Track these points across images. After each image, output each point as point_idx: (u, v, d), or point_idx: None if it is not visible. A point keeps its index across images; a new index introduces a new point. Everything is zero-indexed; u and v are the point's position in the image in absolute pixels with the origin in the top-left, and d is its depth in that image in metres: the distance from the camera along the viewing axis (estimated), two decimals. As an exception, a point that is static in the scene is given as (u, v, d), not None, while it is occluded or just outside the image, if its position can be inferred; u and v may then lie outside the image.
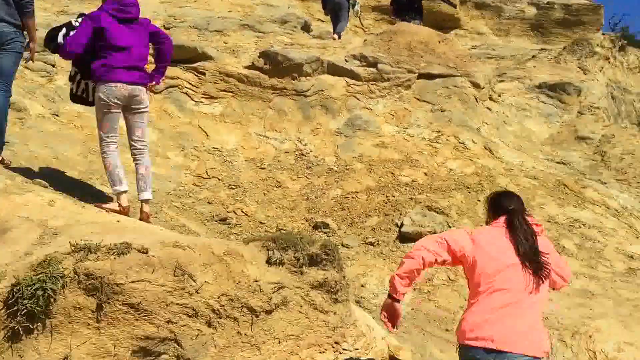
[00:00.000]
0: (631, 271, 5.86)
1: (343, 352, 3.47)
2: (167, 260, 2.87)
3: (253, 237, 3.66)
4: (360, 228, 6.21)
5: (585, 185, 7.57)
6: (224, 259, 3.09)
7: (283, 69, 8.45)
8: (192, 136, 7.53)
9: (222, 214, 6.26)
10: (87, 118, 6.71)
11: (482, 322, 2.86)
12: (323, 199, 6.75)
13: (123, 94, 4.69)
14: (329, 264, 3.56)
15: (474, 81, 9.22)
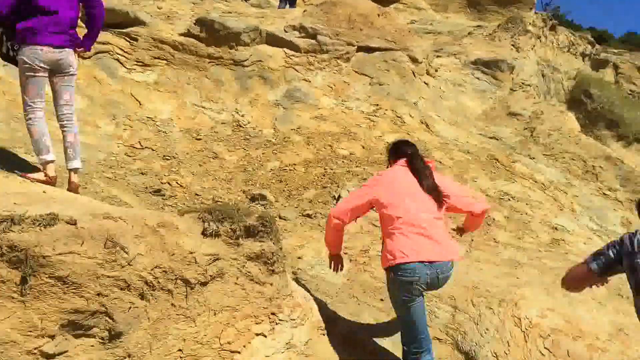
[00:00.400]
0: (555, 242, 6.10)
1: (279, 322, 3.47)
2: (98, 232, 2.77)
3: (188, 209, 3.59)
4: (297, 200, 6.18)
5: (515, 160, 7.79)
6: (157, 230, 3.01)
7: (220, 38, 8.26)
8: (124, 105, 7.28)
9: (156, 185, 6.11)
10: (9, 83, 6.38)
11: (409, 244, 3.53)
12: (260, 171, 6.68)
13: (49, 58, 4.48)
14: (265, 235, 3.52)
15: (412, 56, 9.27)
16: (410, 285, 3.52)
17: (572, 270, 3.23)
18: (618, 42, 29.01)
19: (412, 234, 3.56)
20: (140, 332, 2.83)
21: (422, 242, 3.55)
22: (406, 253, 3.50)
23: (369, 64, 8.83)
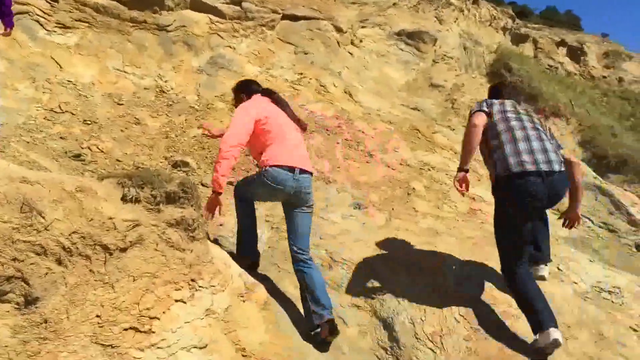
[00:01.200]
0: (472, 211, 6.36)
1: (199, 289, 3.54)
2: (14, 196, 2.76)
3: (108, 174, 3.59)
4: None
5: (435, 131, 8.05)
6: (75, 195, 3.03)
7: (144, 2, 8.08)
8: (44, 68, 7.07)
9: (76, 150, 6.02)
10: None
11: (282, 154, 4.29)
12: (183, 138, 6.67)
13: None
14: (186, 202, 3.59)
15: (337, 25, 9.37)
16: (275, 191, 4.30)
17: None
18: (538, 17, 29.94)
19: (289, 147, 4.34)
20: (57, 297, 2.85)
21: (293, 154, 4.34)
22: (279, 160, 4.26)
23: (294, 33, 8.88)
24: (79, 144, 6.12)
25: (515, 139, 4.30)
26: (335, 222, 5.64)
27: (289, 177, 4.25)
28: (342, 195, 6.09)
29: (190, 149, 6.47)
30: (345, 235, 5.45)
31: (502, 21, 15.88)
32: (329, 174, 6.33)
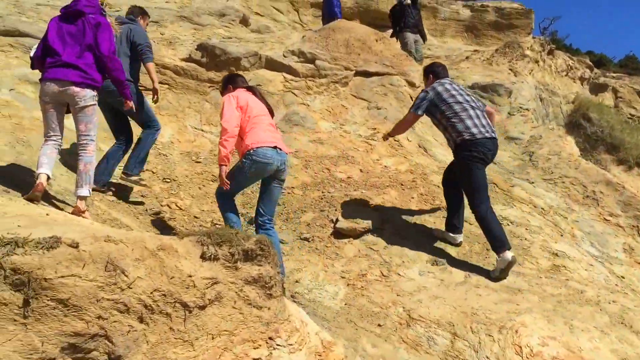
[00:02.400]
0: (555, 268, 6.07)
1: (277, 347, 3.48)
2: (99, 255, 2.81)
3: (187, 232, 3.64)
4: (295, 223, 6.23)
5: (514, 184, 7.81)
6: (157, 253, 3.06)
7: (221, 63, 8.39)
8: (125, 128, 7.36)
9: (156, 207, 6.17)
10: (15, 107, 6.48)
11: (264, 136, 5.02)
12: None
13: (49, 90, 4.68)
14: (263, 259, 3.57)
15: (410, 80, 9.38)
16: (264, 165, 4.99)
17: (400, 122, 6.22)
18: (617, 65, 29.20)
19: (268, 131, 5.09)
20: (139, 355, 2.86)
21: (273, 135, 5.11)
22: (263, 141, 4.99)
23: (366, 88, 8.94)
24: (159, 202, 6.27)
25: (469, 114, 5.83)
26: (412, 279, 5.51)
27: (274, 152, 5.01)
28: (419, 251, 5.97)
29: (266, 205, 6.51)
30: (422, 292, 5.30)
31: (580, 71, 15.56)
32: (405, 230, 6.23)
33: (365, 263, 5.66)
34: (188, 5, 10.99)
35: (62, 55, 4.75)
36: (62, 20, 4.91)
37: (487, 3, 16.31)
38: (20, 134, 6.02)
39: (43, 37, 4.95)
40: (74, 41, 4.81)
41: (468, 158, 5.74)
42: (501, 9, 15.87)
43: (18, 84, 6.71)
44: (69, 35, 4.82)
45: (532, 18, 15.94)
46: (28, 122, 6.33)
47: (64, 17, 4.92)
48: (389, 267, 5.63)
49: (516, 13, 15.83)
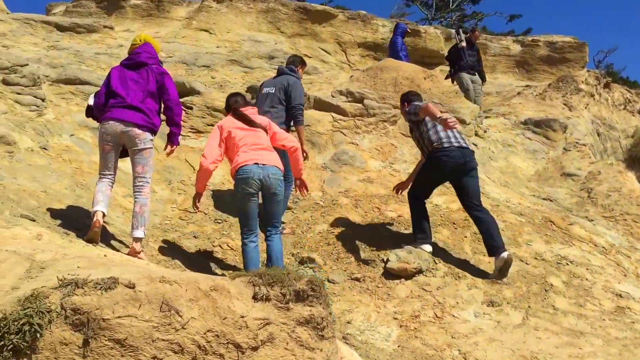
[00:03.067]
0: (620, 310, 5.84)
1: (329, 389, 3.45)
2: (154, 296, 2.87)
3: (239, 273, 3.66)
4: (346, 263, 6.21)
5: (572, 222, 7.61)
6: (210, 294, 3.09)
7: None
8: (179, 170, 7.56)
9: (208, 248, 6.26)
10: (75, 152, 6.73)
11: (243, 157, 5.18)
12: (309, 234, 6.76)
13: (112, 130, 4.82)
14: (315, 300, 3.56)
15: (460, 117, 9.34)
16: (246, 180, 5.09)
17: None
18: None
19: (250, 151, 5.23)
20: (193, 395, 2.88)
21: (255, 153, 5.21)
22: (247, 160, 5.16)
23: (416, 127, 8.92)
24: (211, 242, 6.36)
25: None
26: (467, 320, 5.40)
27: (255, 167, 5.14)
28: (474, 291, 5.85)
29: (316, 245, 6.53)
30: (478, 335, 5.18)
31: (638, 104, 15.21)
32: (458, 270, 6.13)
33: (418, 304, 5.59)
34: (238, 50, 11.28)
35: (126, 98, 4.95)
36: (127, 67, 5.15)
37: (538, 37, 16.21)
38: (80, 178, 6.23)
39: (104, 84, 5.16)
40: (137, 87, 5.02)
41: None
42: (553, 43, 15.73)
43: (78, 129, 6.97)
44: (132, 82, 5.04)
45: (586, 51, 15.73)
46: (87, 166, 6.56)
47: (127, 66, 5.16)
48: (442, 308, 5.54)
49: (569, 46, 15.65)
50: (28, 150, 6.47)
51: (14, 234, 4.02)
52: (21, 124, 6.85)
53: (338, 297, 5.61)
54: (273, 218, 5.36)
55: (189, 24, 12.53)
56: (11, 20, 10.93)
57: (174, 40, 11.50)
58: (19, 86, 7.53)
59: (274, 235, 5.32)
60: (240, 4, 13.03)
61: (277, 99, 6.67)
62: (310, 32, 13.60)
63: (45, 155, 6.59)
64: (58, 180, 6.15)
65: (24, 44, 9.88)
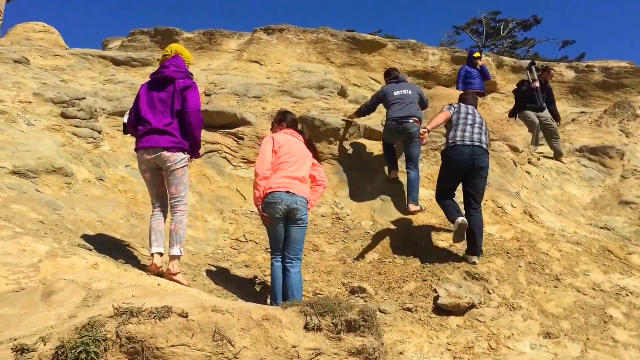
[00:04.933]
0: (683, 341, 5.62)
1: (381, 422, 3.40)
2: (206, 325, 2.89)
3: (291, 302, 3.66)
4: (397, 293, 6.14)
5: (631, 252, 7.35)
6: (262, 323, 3.10)
7: (320, 134, 8.59)
8: (230, 200, 7.65)
9: (259, 277, 6.29)
10: (130, 182, 6.90)
11: (278, 182, 5.35)
12: (360, 263, 6.73)
13: (144, 158, 4.93)
14: (367, 330, 3.53)
15: (512, 145, 9.21)
16: (274, 206, 5.29)
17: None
18: None
19: (284, 177, 5.38)
20: None
21: (289, 181, 5.37)
22: (277, 185, 5.33)
23: (467, 155, 8.82)
24: (262, 272, 6.39)
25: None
26: (522, 352, 5.25)
27: (284, 194, 5.29)
28: (529, 322, 5.70)
29: (367, 275, 6.48)
30: (534, 367, 5.03)
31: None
32: (512, 300, 5.99)
33: (472, 335, 5.47)
34: (288, 80, 11.43)
35: (152, 122, 4.98)
36: (152, 86, 5.12)
37: (593, 63, 15.92)
38: (134, 208, 6.37)
39: (134, 103, 5.19)
40: (164, 107, 5.00)
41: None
42: (608, 69, 15.41)
43: (133, 160, 7.13)
44: (159, 102, 5.03)
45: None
46: (141, 196, 6.70)
47: (154, 83, 5.13)
48: (497, 339, 5.41)
49: (625, 72, 15.31)
50: (85, 181, 6.66)
51: (72, 263, 4.13)
52: (79, 155, 7.07)
53: (390, 327, 5.54)
54: (295, 244, 5.41)
55: (240, 56, 12.78)
56: (70, 56, 11.36)
57: (225, 72, 11.73)
58: (77, 119, 7.80)
59: (295, 264, 5.38)
60: (290, 35, 13.24)
61: (417, 99, 8.12)
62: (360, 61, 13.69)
63: (101, 186, 6.77)
64: (113, 210, 6.30)
65: (82, 78, 10.24)
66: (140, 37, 14.11)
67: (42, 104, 7.88)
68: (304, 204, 5.39)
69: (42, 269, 4.00)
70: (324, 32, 13.52)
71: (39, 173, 6.18)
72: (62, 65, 10.75)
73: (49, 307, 3.29)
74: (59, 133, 7.37)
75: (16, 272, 3.92)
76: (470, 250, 6.58)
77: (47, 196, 5.85)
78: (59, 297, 3.40)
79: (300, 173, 5.51)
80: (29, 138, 6.80)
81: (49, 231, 4.89)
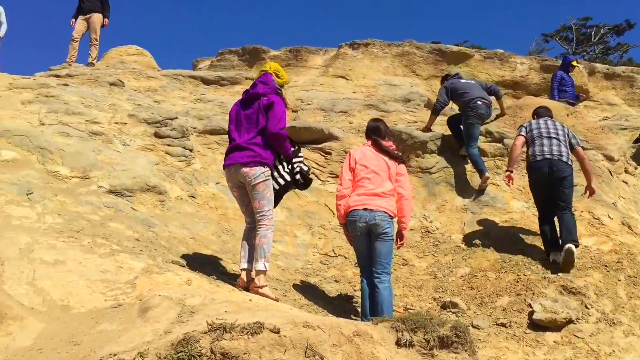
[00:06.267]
0: None
1: None
2: (298, 341, 2.89)
3: (382, 318, 3.63)
4: (490, 308, 5.97)
5: None
6: (353, 339, 3.08)
7: (407, 147, 8.53)
8: (318, 215, 7.69)
9: (349, 292, 6.28)
10: (221, 199, 7.06)
11: (356, 199, 5.43)
12: (451, 278, 6.59)
13: (230, 176, 5.04)
14: (460, 346, 3.45)
15: (607, 154, 8.83)
16: (354, 224, 5.39)
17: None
18: None
19: (363, 195, 5.44)
20: None
21: (368, 198, 5.41)
22: (357, 203, 5.41)
23: (561, 165, 8.52)
24: (352, 287, 6.38)
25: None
26: (626, 371, 4.99)
27: (363, 211, 5.35)
28: (631, 339, 5.42)
29: (459, 289, 6.34)
30: (640, 387, 4.77)
31: None
32: (612, 315, 5.70)
33: (570, 352, 5.24)
34: (374, 94, 11.41)
35: (236, 139, 5.10)
36: (241, 105, 5.24)
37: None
38: (225, 224, 6.51)
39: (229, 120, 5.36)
40: (249, 124, 5.08)
41: None
42: None
43: (222, 177, 7.30)
44: (245, 119, 5.12)
45: None
46: (232, 212, 6.85)
47: (243, 102, 5.24)
48: (597, 356, 5.17)
49: None
50: (178, 198, 6.87)
51: (166, 280, 4.26)
52: (171, 174, 7.31)
53: (483, 343, 5.39)
54: (381, 258, 5.37)
55: (326, 72, 12.87)
56: (162, 77, 11.81)
57: (311, 88, 11.84)
58: (170, 138, 8.08)
59: (383, 279, 5.33)
60: (375, 49, 13.23)
61: (481, 86, 8.89)
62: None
63: (193, 203, 6.97)
64: (205, 226, 6.47)
65: (173, 98, 10.60)
66: (228, 57, 14.46)
67: (136, 124, 8.23)
68: (383, 219, 5.35)
69: (138, 285, 4.14)
70: (409, 45, 13.42)
71: (134, 192, 6.43)
72: (154, 87, 11.18)
73: (146, 322, 3.40)
74: (153, 152, 7.66)
75: (114, 289, 4.08)
76: (566, 241, 6.47)
77: (142, 214, 6.07)
78: (154, 313, 3.51)
79: (380, 188, 5.48)
80: (125, 158, 7.09)
81: (144, 248, 5.06)
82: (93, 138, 7.38)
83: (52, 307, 3.74)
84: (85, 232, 5.01)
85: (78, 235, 4.87)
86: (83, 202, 5.78)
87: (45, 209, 5.33)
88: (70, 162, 6.52)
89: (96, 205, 5.81)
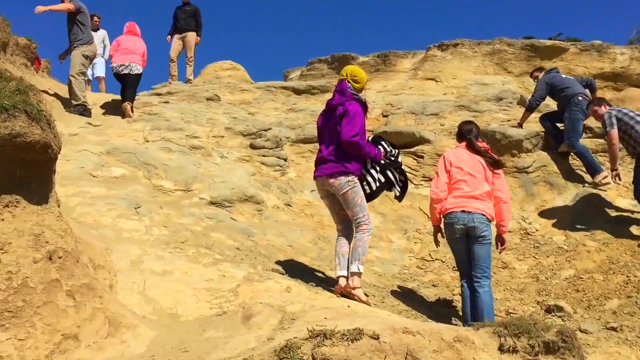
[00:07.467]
0: None
1: None
2: (398, 347, 2.89)
3: (483, 323, 3.55)
4: (599, 311, 5.71)
5: None
6: (454, 345, 3.04)
7: (502, 147, 8.32)
8: (413, 219, 7.63)
9: (447, 296, 6.19)
10: (316, 207, 7.15)
11: (452, 202, 5.34)
12: (554, 280, 6.37)
13: (319, 187, 5.11)
14: (567, 352, 3.32)
15: None
16: (452, 226, 5.31)
17: None
18: None
19: (460, 197, 5.33)
20: None
21: (464, 201, 5.30)
22: (454, 205, 5.32)
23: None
24: (450, 291, 6.29)
25: None
26: None
27: (460, 213, 5.26)
28: None
29: (564, 292, 6.11)
30: None
31: None
32: None
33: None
34: (465, 95, 11.21)
35: (322, 151, 5.14)
36: (325, 115, 5.27)
37: None
38: (321, 231, 6.58)
39: None
40: (331, 135, 5.10)
41: None
42: None
43: (317, 185, 7.41)
44: (327, 130, 5.17)
45: None
46: (327, 219, 6.91)
47: (326, 112, 5.26)
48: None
49: None
50: (274, 207, 7.02)
51: (267, 287, 4.36)
52: (267, 183, 7.47)
53: (593, 348, 5.16)
54: (481, 262, 5.26)
55: (415, 75, 12.77)
56: (255, 89, 12.11)
57: (401, 92, 11.78)
58: (264, 149, 8.27)
59: (483, 283, 5.21)
60: (464, 49, 12.99)
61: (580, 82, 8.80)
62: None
63: (289, 212, 7.09)
64: (302, 234, 6.56)
65: (267, 110, 10.85)
66: (318, 66, 14.63)
67: (233, 137, 8.47)
68: (482, 221, 5.24)
69: (240, 293, 4.26)
70: (499, 42, 13.09)
71: (233, 202, 6.62)
72: (248, 99, 11.47)
73: (249, 329, 3.49)
74: (249, 163, 7.86)
75: (218, 297, 4.22)
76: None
77: (241, 223, 6.24)
78: (257, 320, 3.60)
79: (477, 190, 5.35)
80: (223, 170, 7.32)
81: (244, 257, 5.21)
82: (193, 152, 7.68)
83: (161, 316, 3.91)
84: (189, 243, 5.21)
85: (183, 246, 5.07)
86: (186, 213, 6.02)
87: (152, 221, 5.59)
88: (173, 176, 6.81)
89: (198, 216, 6.03)
